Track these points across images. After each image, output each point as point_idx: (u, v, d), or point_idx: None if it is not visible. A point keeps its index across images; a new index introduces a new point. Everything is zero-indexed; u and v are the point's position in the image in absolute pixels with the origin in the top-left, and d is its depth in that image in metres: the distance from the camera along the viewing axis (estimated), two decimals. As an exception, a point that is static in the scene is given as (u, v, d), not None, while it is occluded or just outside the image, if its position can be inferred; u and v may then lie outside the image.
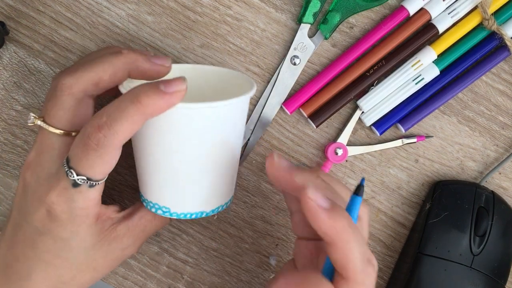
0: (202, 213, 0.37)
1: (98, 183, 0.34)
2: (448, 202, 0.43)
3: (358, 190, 0.31)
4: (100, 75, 0.35)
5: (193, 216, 0.37)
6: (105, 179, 0.34)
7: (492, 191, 0.44)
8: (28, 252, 0.35)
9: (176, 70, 0.40)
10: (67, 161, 0.33)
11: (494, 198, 0.43)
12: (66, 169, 0.33)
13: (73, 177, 0.33)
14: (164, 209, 0.37)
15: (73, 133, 0.36)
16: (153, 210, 0.37)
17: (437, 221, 0.43)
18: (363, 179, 0.31)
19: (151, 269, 0.45)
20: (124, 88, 0.36)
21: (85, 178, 0.33)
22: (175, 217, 0.37)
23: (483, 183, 0.45)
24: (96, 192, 0.34)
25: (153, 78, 0.36)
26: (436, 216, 0.43)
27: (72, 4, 0.43)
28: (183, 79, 0.32)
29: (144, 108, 0.31)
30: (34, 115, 0.36)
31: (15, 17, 0.43)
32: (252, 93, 0.36)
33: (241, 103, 0.35)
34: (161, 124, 0.33)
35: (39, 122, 0.36)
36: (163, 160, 0.35)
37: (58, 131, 0.35)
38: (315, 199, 0.30)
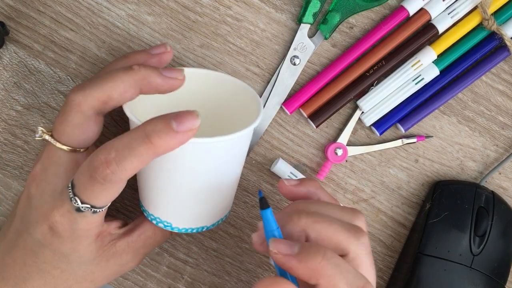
0: (203, 227, 0.38)
1: (102, 210, 0.33)
2: (448, 202, 0.43)
3: (261, 204, 0.31)
4: (109, 92, 0.34)
5: (194, 231, 0.38)
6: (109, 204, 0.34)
7: (492, 191, 0.44)
8: (27, 259, 0.35)
9: None
10: (72, 186, 0.32)
11: (494, 198, 0.43)
12: (71, 195, 0.32)
13: (77, 204, 0.32)
14: (165, 223, 0.37)
15: (81, 150, 0.35)
16: (154, 222, 0.38)
17: (437, 221, 0.43)
18: (259, 192, 0.31)
19: (151, 269, 0.45)
20: (128, 108, 0.35)
21: (89, 206, 0.32)
22: (176, 231, 0.37)
23: (483, 183, 0.45)
24: (99, 216, 0.34)
25: (165, 92, 0.35)
26: (436, 216, 0.43)
27: (72, 4, 0.43)
28: (196, 116, 0.31)
29: (155, 149, 0.30)
30: (43, 129, 0.36)
31: (15, 17, 0.43)
32: (258, 119, 0.36)
33: (250, 132, 0.35)
34: (169, 153, 0.33)
35: (47, 137, 0.35)
36: (167, 182, 0.35)
37: (65, 148, 0.35)
38: (278, 250, 0.30)
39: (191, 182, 0.34)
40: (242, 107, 0.39)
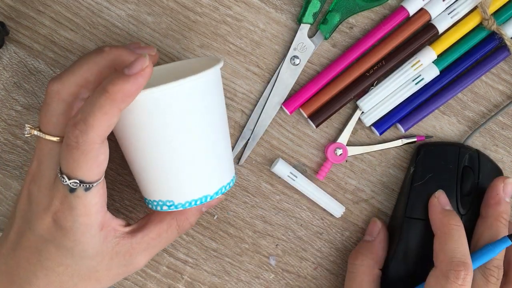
0: (206, 197, 0.37)
1: (93, 185, 0.33)
2: (431, 164, 0.43)
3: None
4: (85, 76, 0.35)
5: (198, 202, 0.37)
6: (100, 181, 0.34)
7: (476, 149, 0.44)
8: (31, 258, 0.35)
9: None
10: (60, 168, 0.33)
11: (480, 157, 0.43)
12: (59, 175, 0.33)
13: (66, 182, 0.32)
14: (168, 204, 0.37)
15: None
16: (159, 208, 0.37)
17: (422, 183, 0.42)
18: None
19: (151, 269, 0.45)
20: None
21: (77, 181, 0.32)
22: (181, 208, 0.37)
23: (468, 143, 0.45)
24: (95, 197, 0.34)
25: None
26: (421, 178, 0.42)
27: (72, 4, 0.43)
28: (144, 56, 0.31)
29: (112, 96, 0.30)
30: (30, 126, 0.36)
31: (15, 17, 0.43)
32: (219, 65, 0.36)
33: (211, 76, 0.35)
34: (135, 118, 0.34)
35: (35, 132, 0.36)
36: (149, 153, 0.35)
37: (54, 138, 0.35)
38: (438, 197, 0.41)
39: (168, 141, 0.34)
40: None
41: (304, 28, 0.43)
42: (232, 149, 0.44)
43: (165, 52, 0.43)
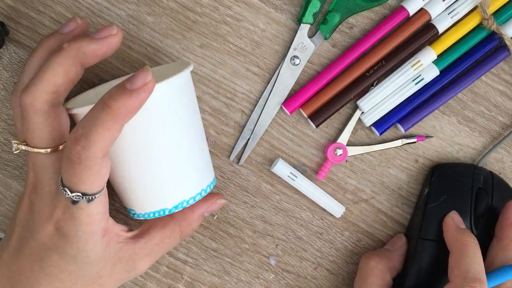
0: (164, 210, 0.37)
1: (95, 197, 0.33)
2: (446, 185, 0.43)
3: None
4: (53, 81, 0.33)
5: (153, 215, 0.37)
6: (102, 191, 0.34)
7: (490, 171, 0.44)
8: (34, 265, 0.35)
9: (114, 85, 0.41)
10: (61, 180, 0.33)
11: (493, 178, 0.43)
12: (61, 188, 0.32)
13: (68, 195, 0.32)
14: (132, 212, 0.38)
15: (60, 147, 0.35)
16: (131, 215, 0.38)
17: (436, 205, 0.42)
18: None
19: (151, 269, 0.45)
20: (75, 109, 0.35)
21: (79, 194, 0.32)
22: (141, 218, 0.37)
23: (481, 165, 0.45)
24: (97, 207, 0.33)
25: (108, 54, 0.34)
26: (435, 200, 0.43)
27: (72, 4, 0.43)
28: (147, 70, 0.30)
29: (115, 112, 0.30)
30: (16, 142, 0.35)
31: (15, 17, 0.43)
32: (188, 69, 0.35)
33: (178, 80, 0.34)
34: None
35: (23, 148, 0.35)
36: (116, 165, 0.35)
37: (43, 151, 0.34)
38: (452, 217, 0.41)
39: (135, 152, 0.34)
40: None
41: (304, 28, 0.43)
42: (232, 149, 0.44)
43: (165, 52, 0.43)
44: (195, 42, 0.44)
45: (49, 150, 0.34)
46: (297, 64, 0.44)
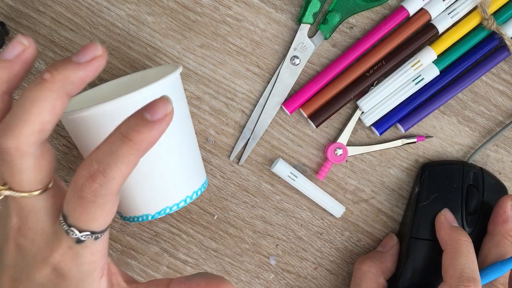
0: (147, 215, 0.37)
1: (104, 234, 0.30)
2: (436, 184, 0.43)
3: None
4: (39, 119, 0.29)
5: (136, 220, 0.38)
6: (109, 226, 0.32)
7: (480, 167, 0.44)
8: None
9: (113, 85, 0.41)
10: (64, 219, 0.29)
11: (483, 174, 0.43)
12: (66, 229, 0.29)
13: (76, 235, 0.29)
14: (119, 213, 0.38)
15: (49, 185, 0.32)
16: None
17: (427, 203, 0.42)
18: None
19: (151, 269, 0.45)
20: (80, 111, 0.33)
21: (89, 233, 0.29)
22: (128, 221, 0.38)
23: (471, 161, 0.45)
24: (102, 243, 0.31)
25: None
26: (426, 198, 0.43)
27: (72, 4, 0.43)
28: (166, 100, 0.28)
29: (137, 146, 0.28)
30: (0, 187, 0.31)
31: (15, 17, 0.43)
32: (177, 71, 0.35)
33: (160, 87, 0.34)
34: (89, 135, 0.34)
35: (6, 193, 0.31)
36: None
37: (34, 193, 0.31)
38: (445, 215, 0.41)
39: None
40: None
41: (304, 28, 0.43)
42: (232, 149, 0.44)
43: (165, 52, 0.43)
44: (195, 42, 0.44)
45: (39, 192, 0.31)
46: (297, 64, 0.44)
